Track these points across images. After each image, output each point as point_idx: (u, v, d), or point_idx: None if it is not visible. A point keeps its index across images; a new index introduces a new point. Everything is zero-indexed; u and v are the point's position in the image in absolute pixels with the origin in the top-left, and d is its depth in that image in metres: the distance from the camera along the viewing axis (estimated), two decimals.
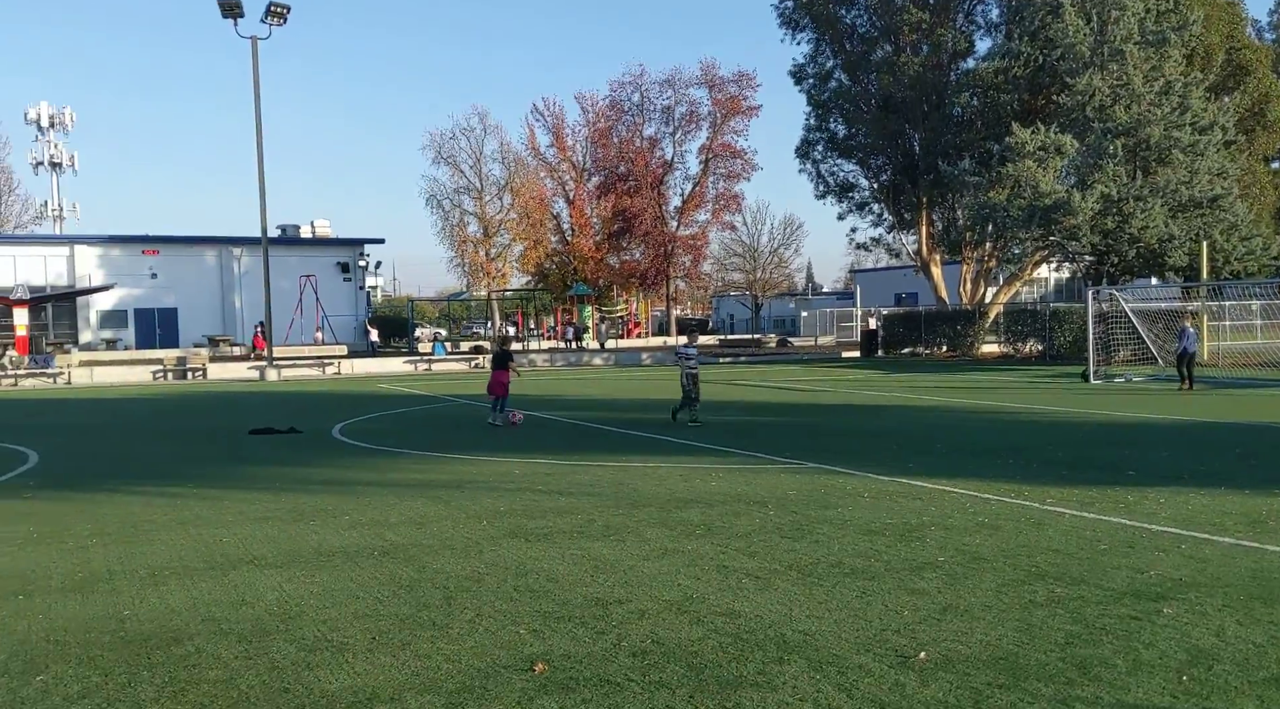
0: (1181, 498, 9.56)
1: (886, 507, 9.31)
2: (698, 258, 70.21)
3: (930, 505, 9.36)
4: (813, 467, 11.95)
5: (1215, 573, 6.81)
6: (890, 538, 7.98)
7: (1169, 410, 18.30)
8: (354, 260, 56.48)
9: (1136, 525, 8.37)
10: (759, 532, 8.25)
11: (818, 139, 45.11)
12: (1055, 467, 11.67)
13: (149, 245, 52.86)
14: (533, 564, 7.17)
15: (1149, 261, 34.83)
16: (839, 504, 9.47)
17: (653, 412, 20.04)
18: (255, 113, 34.82)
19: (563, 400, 22.96)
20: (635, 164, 66.38)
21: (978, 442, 14.15)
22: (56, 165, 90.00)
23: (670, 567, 7.10)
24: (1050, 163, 33.37)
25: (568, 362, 41.00)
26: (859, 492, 10.14)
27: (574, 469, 11.96)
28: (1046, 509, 9.12)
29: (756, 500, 9.70)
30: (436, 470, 12.07)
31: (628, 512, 9.18)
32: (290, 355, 37.77)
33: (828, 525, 8.48)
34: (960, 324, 41.08)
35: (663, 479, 11.08)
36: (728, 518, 8.82)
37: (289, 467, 12.69)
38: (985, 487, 10.31)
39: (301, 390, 27.97)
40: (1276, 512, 8.83)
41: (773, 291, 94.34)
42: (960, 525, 8.44)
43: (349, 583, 6.69)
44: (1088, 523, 8.48)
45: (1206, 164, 33.84)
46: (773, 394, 24.01)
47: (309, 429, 16.94)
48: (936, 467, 11.81)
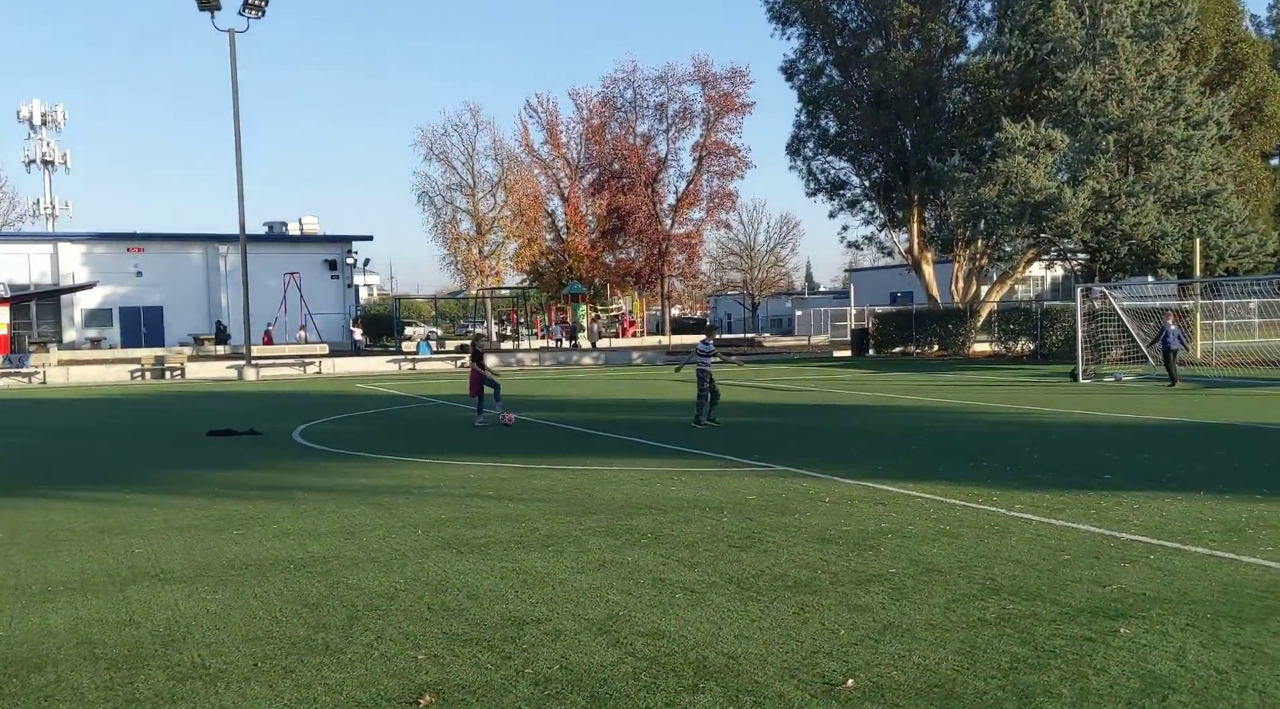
0: (1157, 503, 9.11)
1: (845, 513, 8.86)
2: (692, 256, 69.70)
3: (892, 511, 8.91)
4: (780, 469, 11.50)
5: (1183, 587, 6.36)
6: (843, 547, 7.53)
7: (1156, 411, 17.85)
8: (342, 258, 56.00)
9: (1105, 534, 7.92)
10: (707, 540, 7.79)
11: (808, 136, 44.64)
12: (1030, 470, 11.22)
13: (134, 243, 52.37)
14: (456, 579, 6.71)
15: (1141, 259, 34.34)
16: (797, 510, 9.02)
17: (630, 413, 19.61)
18: (233, 107, 34.39)
19: (542, 401, 22.51)
20: (629, 161, 65.89)
21: (954, 443, 13.71)
22: (49, 163, 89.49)
23: (603, 580, 6.64)
24: (1041, 159, 32.90)
25: (557, 361, 40.55)
26: (820, 496, 9.69)
27: (533, 474, 11.51)
28: (1013, 516, 8.67)
29: (713, 506, 9.25)
30: (388, 475, 11.61)
31: (576, 519, 8.73)
32: (270, 355, 37.30)
33: (780, 533, 8.03)
34: (951, 323, 40.63)
35: (622, 484, 10.63)
36: (677, 525, 8.37)
37: (235, 470, 12.23)
38: (953, 491, 9.86)
39: (276, 390, 27.51)
40: (1256, 519, 8.38)
41: (769, 291, 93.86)
42: (919, 533, 7.99)
43: (251, 600, 6.23)
44: (1054, 531, 8.03)
45: (1200, 159, 33.37)
46: (756, 394, 23.56)
47: (271, 431, 16.49)
48: (907, 469, 11.37)
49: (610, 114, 67.39)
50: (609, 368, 38.23)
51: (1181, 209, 33.29)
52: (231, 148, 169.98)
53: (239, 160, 34.64)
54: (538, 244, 71.53)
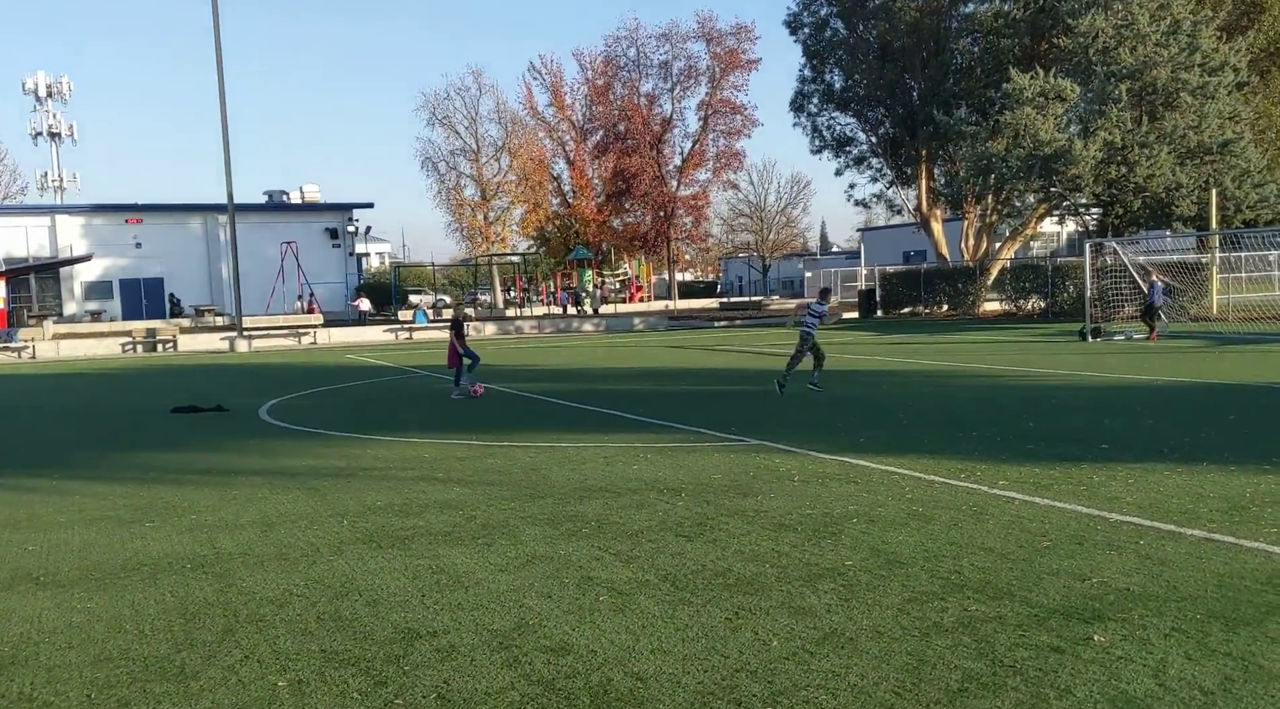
0: (1155, 477, 8.37)
1: (813, 493, 8.16)
2: (699, 218, 68.59)
3: (863, 491, 8.20)
4: (755, 443, 10.80)
5: (1173, 580, 5.64)
6: (801, 535, 6.84)
7: (1165, 371, 17.03)
8: (343, 226, 55.32)
9: (1093, 514, 7.20)
10: (654, 529, 7.11)
11: (813, 91, 43.52)
12: (1023, 439, 10.48)
13: (132, 214, 51.84)
14: (362, 581, 6.06)
15: (1156, 212, 33.28)
16: (762, 491, 8.32)
17: (615, 383, 18.95)
18: (217, 65, 33.41)
19: (528, 371, 21.85)
20: (633, 122, 64.68)
21: (947, 410, 12.96)
22: (55, 135, 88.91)
23: (525, 580, 5.98)
24: (1050, 110, 31.78)
25: (556, 328, 39.87)
26: (791, 474, 8.99)
27: (492, 452, 10.85)
28: (995, 494, 7.95)
29: (672, 487, 8.57)
30: (339, 455, 10.98)
31: (520, 505, 8.06)
32: (264, 326, 36.76)
33: (736, 519, 7.34)
34: (961, 282, 39.68)
35: (583, 463, 9.96)
36: (626, 512, 7.69)
37: (181, 452, 11.63)
38: (935, 466, 9.15)
39: (263, 363, 26.93)
40: (1262, 494, 7.64)
41: (780, 252, 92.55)
42: (888, 517, 7.28)
43: (125, 609, 5.60)
44: (1037, 512, 7.31)
45: (1216, 107, 32.19)
46: (749, 360, 22.83)
47: (240, 407, 15.89)
48: (891, 441, 10.65)
49: (614, 74, 66.09)
50: (609, 335, 37.52)
51: (1197, 159, 32.17)
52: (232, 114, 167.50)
53: (224, 128, 33.77)
54: (543, 209, 70.54)
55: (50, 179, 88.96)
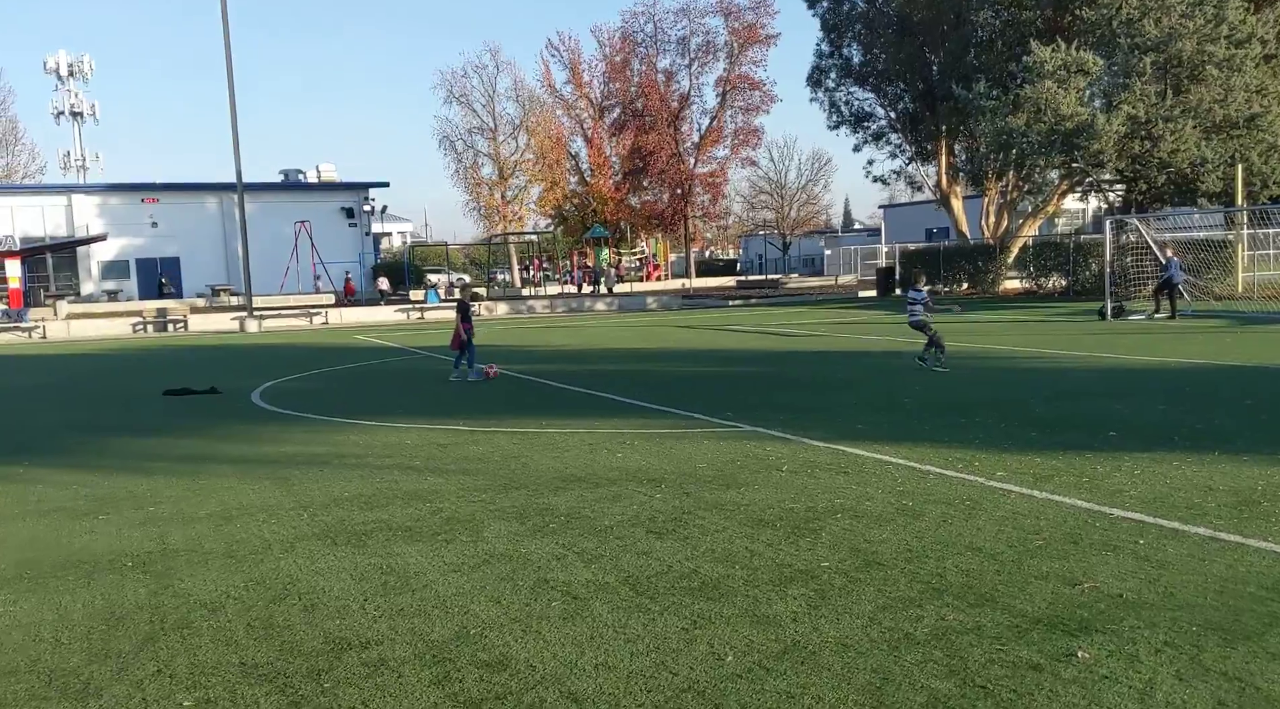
0: (1162, 468, 7.93)
1: (799, 486, 7.76)
2: (716, 196, 67.91)
3: (853, 482, 7.80)
4: (748, 429, 10.41)
5: (1170, 585, 5.23)
6: (779, 532, 6.45)
7: (1183, 353, 16.48)
8: (358, 205, 55.05)
9: (1093, 509, 6.77)
10: (626, 524, 6.75)
11: (830, 66, 42.69)
12: (1028, 426, 10.04)
13: (149, 193, 51.79)
14: (306, 582, 5.74)
15: (1181, 188, 32.46)
16: (747, 482, 7.94)
17: (618, 364, 18.60)
18: (224, 40, 33.07)
19: (532, 352, 21.51)
20: (650, 98, 63.97)
21: (953, 394, 12.51)
22: (77, 114, 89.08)
23: (477, 582, 5.63)
24: (1072, 83, 30.95)
25: (569, 308, 39.50)
26: (779, 463, 8.60)
27: (477, 438, 10.51)
28: (991, 486, 7.53)
29: (654, 478, 8.20)
30: (321, 441, 10.67)
31: (491, 497, 7.72)
32: (275, 306, 36.59)
33: (715, 513, 6.97)
34: (981, 260, 38.97)
35: (566, 451, 9.60)
36: (601, 505, 7.33)
37: (162, 436, 11.36)
38: (933, 454, 8.73)
39: (269, 343, 26.73)
40: (1275, 487, 7.19)
41: (801, 230, 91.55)
42: (875, 512, 6.88)
43: (49, 614, 5.29)
44: (1034, 507, 6.89)
45: (1244, 80, 31.24)
46: (757, 340, 22.40)
47: (234, 389, 15.63)
48: (890, 428, 10.23)
49: (631, 50, 65.32)
50: (621, 314, 37.11)
51: (1223, 134, 31.29)
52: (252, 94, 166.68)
53: (233, 108, 33.47)
54: (561, 187, 70.07)
55: (73, 158, 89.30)
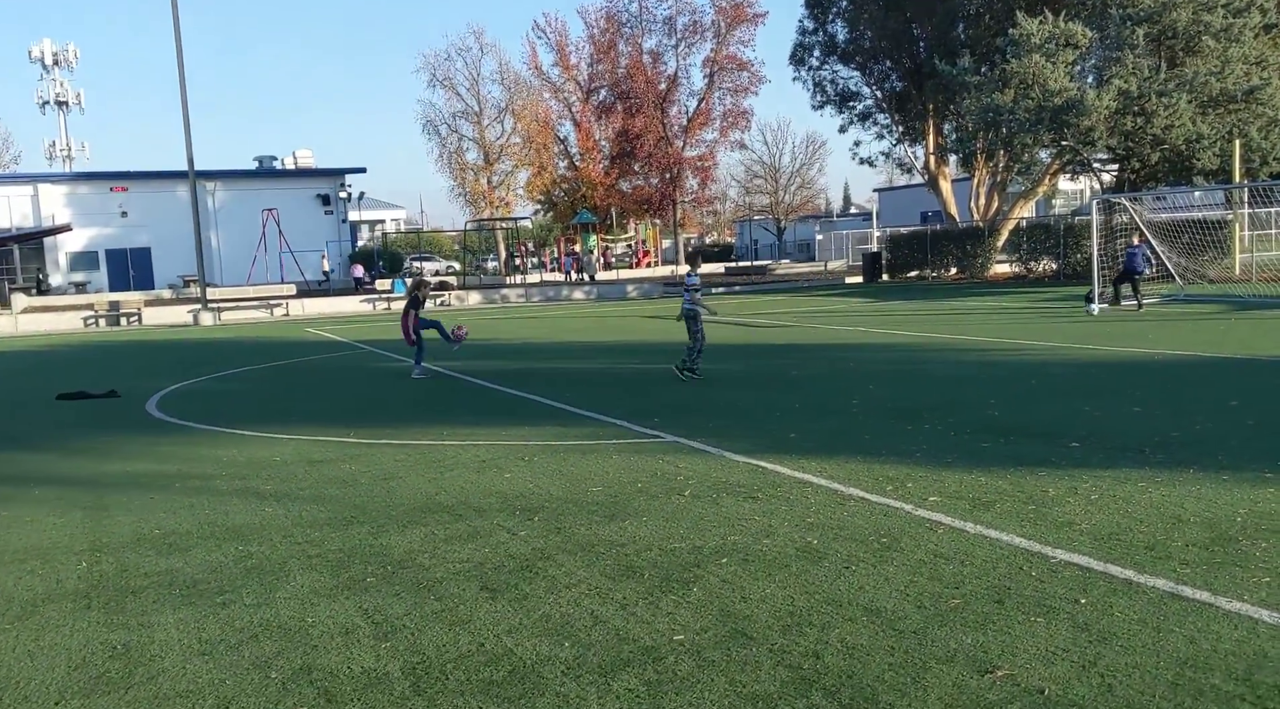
0: (1126, 490, 6.71)
1: (696, 516, 6.55)
2: (705, 180, 66.49)
3: (760, 511, 6.58)
4: (669, 440, 9.21)
5: (1110, 671, 4.02)
6: (645, 585, 5.24)
7: (1169, 343, 15.23)
8: (334, 192, 53.75)
9: (1033, 550, 5.56)
10: (461, 576, 5.54)
11: (814, 43, 41.32)
12: (981, 434, 8.82)
13: (117, 182, 50.53)
14: (7, 670, 4.52)
15: (1175, 165, 31.11)
16: (638, 511, 6.73)
17: (565, 360, 17.41)
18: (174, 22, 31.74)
19: (481, 346, 20.28)
20: (635, 80, 62.50)
21: (905, 395, 11.28)
22: (62, 104, 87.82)
23: (222, 671, 4.41)
24: (1060, 57, 29.59)
25: (546, 297, 38.25)
26: (685, 485, 7.39)
27: (359, 452, 9.31)
28: (919, 517, 6.32)
29: (532, 507, 6.99)
30: (180, 456, 9.47)
31: (323, 535, 6.51)
32: (233, 297, 35.36)
33: (579, 557, 5.76)
34: (969, 243, 37.64)
35: (452, 468, 8.39)
36: (450, 546, 6.12)
37: (8, 451, 10.15)
38: (863, 473, 7.52)
39: (214, 338, 25.50)
40: (1257, 518, 5.97)
41: (795, 215, 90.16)
42: (770, 554, 5.67)
43: None
44: (962, 546, 5.68)
45: (1242, 51, 29.86)
46: (722, 332, 21.12)
47: (137, 391, 14.44)
48: (825, 437, 9.01)
49: (616, 31, 63.79)
50: (597, 304, 35.86)
51: (1220, 108, 29.95)
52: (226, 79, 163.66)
53: (183, 90, 32.14)
54: (549, 172, 68.71)
55: (58, 148, 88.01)
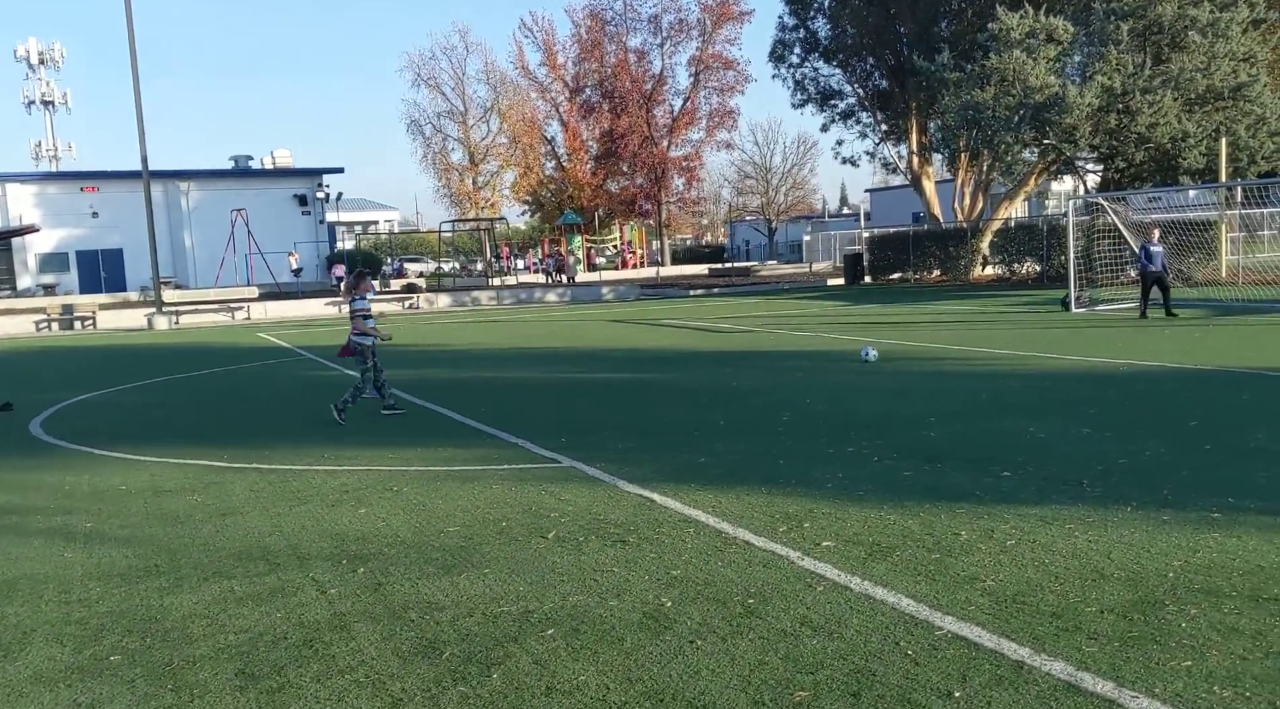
0: (1049, 534, 5.79)
1: (548, 566, 5.63)
2: (691, 180, 65.58)
3: (623, 559, 5.66)
4: (565, 466, 8.29)
5: None
6: (436, 672, 4.32)
7: (1139, 352, 14.30)
8: (312, 192, 52.75)
9: (919, 616, 4.64)
10: (226, 654, 4.61)
11: (794, 40, 40.32)
12: (907, 459, 7.90)
13: (88, 182, 49.53)
14: None
15: (1161, 165, 30.19)
16: (488, 559, 5.83)
17: (498, 369, 16.49)
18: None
19: (417, 353, 19.35)
20: (620, 79, 61.55)
21: (843, 410, 10.34)
22: (49, 104, 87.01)
23: None
24: (1041, 52, 28.65)
25: (517, 299, 37.30)
26: (556, 523, 6.48)
27: (219, 479, 8.39)
28: (801, 569, 5.40)
29: (367, 553, 6.09)
30: (19, 484, 8.56)
31: (108, 589, 5.61)
32: (193, 300, 34.42)
33: (381, 626, 4.84)
34: (952, 245, 36.71)
35: (305, 501, 7.48)
36: (240, 608, 5.19)
37: None
38: (762, 507, 6.62)
39: (159, 343, 24.56)
40: (1193, 573, 5.06)
41: (787, 215, 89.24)
42: (608, 623, 4.75)
43: None
44: (838, 609, 4.76)
45: (1229, 47, 28.92)
46: (682, 338, 20.22)
47: (42, 402, 13.55)
48: (737, 461, 8.11)
49: (601, 29, 62.83)
50: (567, 307, 34.92)
51: (1207, 106, 29.02)
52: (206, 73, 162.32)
53: (136, 87, 31.16)
54: (535, 172, 67.81)
55: (45, 148, 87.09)
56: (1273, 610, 4.54)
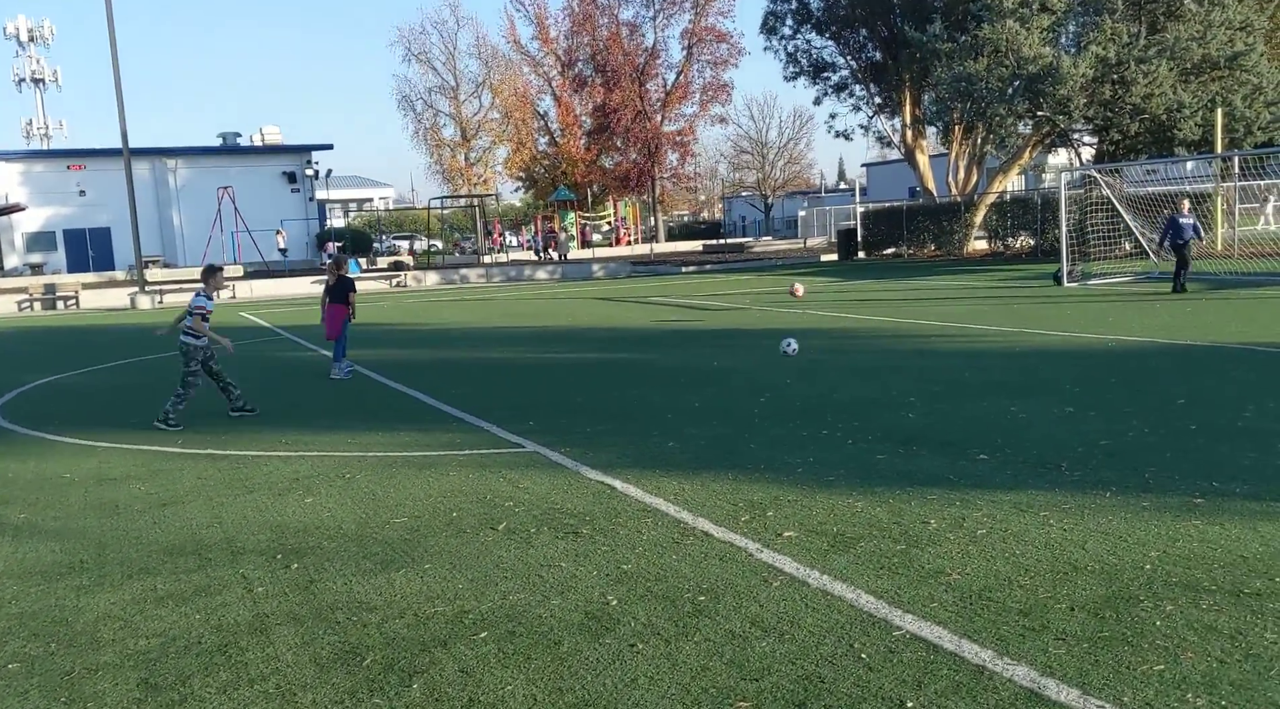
0: (1022, 523, 5.50)
1: (493, 562, 5.34)
2: (685, 155, 64.89)
3: (572, 553, 5.36)
4: (528, 451, 7.99)
5: None
6: (353, 681, 4.02)
7: (1127, 327, 13.97)
8: (300, 169, 52.20)
9: (877, 615, 4.35)
10: (134, 660, 4.33)
11: (785, 11, 39.65)
12: (881, 442, 7.61)
13: (74, 160, 48.99)
14: None
15: (1156, 136, 29.72)
16: (431, 553, 5.53)
17: (477, 349, 16.18)
18: None
19: (400, 332, 19.02)
20: (611, 53, 60.80)
21: (822, 390, 10.04)
22: (39, 81, 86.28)
23: None
24: (1035, 22, 28.13)
25: (506, 277, 36.90)
26: (510, 513, 6.19)
27: (169, 466, 8.08)
28: (759, 562, 5.11)
29: (305, 547, 5.79)
30: None
31: (25, 588, 5.33)
32: (178, 279, 33.99)
33: (304, 628, 4.55)
34: (946, 219, 36.28)
35: (253, 489, 7.18)
36: (160, 608, 4.90)
37: None
38: (726, 495, 6.33)
39: (138, 323, 24.15)
40: (1170, 564, 4.78)
41: (783, 190, 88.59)
42: (546, 625, 4.45)
43: None
44: (791, 610, 4.47)
45: (1225, 16, 28.40)
46: (665, 315, 19.88)
47: (10, 383, 13.25)
48: (707, 446, 7.81)
49: (593, 1, 61.95)
50: (557, 284, 34.53)
51: (1203, 76, 28.54)
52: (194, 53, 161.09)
53: (115, 59, 30.62)
54: (528, 148, 67.14)
55: (36, 126, 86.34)
56: (1253, 607, 4.25)
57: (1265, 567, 4.70)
